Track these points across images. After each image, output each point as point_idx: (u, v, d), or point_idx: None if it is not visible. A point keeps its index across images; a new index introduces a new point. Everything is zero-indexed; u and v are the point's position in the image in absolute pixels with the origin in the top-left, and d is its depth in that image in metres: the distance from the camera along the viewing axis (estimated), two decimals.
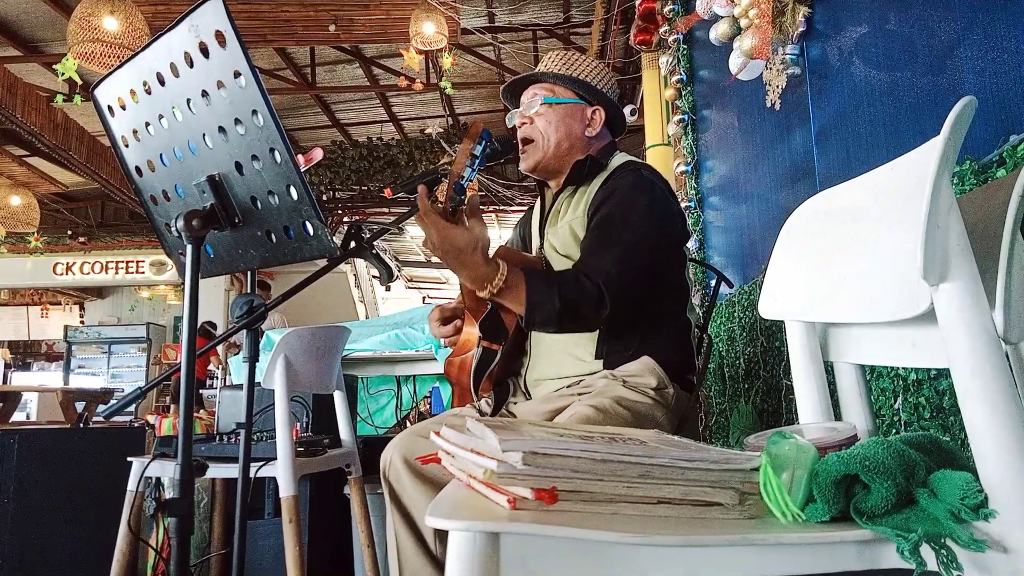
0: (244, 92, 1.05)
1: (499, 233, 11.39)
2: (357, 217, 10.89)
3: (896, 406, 1.34)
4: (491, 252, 1.40)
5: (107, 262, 11.62)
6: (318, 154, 1.83)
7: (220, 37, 1.02)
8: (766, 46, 2.01)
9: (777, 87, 2.08)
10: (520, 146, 1.64)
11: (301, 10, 5.91)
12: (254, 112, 1.06)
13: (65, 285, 12.10)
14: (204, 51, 1.06)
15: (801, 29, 1.89)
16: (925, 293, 0.69)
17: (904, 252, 0.73)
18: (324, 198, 9.73)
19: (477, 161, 1.30)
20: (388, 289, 13.28)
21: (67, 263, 11.59)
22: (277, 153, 1.07)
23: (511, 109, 1.72)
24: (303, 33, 6.29)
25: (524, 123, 1.65)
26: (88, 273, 11.63)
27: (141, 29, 4.72)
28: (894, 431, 1.33)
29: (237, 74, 1.04)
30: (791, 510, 0.68)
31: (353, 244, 1.18)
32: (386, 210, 10.13)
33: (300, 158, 1.40)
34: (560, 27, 6.85)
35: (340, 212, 10.24)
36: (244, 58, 1.02)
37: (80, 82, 4.75)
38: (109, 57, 4.66)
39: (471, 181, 1.31)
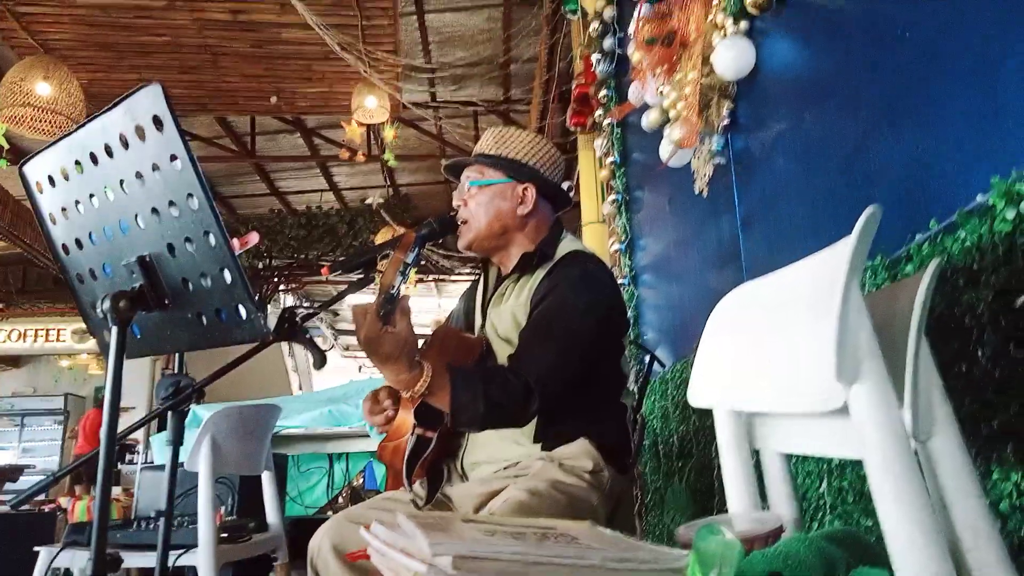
0: (180, 175, 1.04)
1: (439, 302, 11.36)
2: (294, 285, 10.71)
3: (821, 490, 1.37)
4: (430, 330, 1.39)
5: (26, 330, 11.07)
6: (254, 238, 1.82)
7: (157, 121, 1.02)
8: (693, 136, 2.11)
9: (704, 175, 2.18)
10: (458, 225, 1.67)
11: (243, 81, 5.93)
12: (189, 195, 1.05)
13: None
14: (140, 134, 1.05)
15: (725, 122, 2.00)
16: (839, 390, 0.72)
17: (820, 348, 0.76)
18: (260, 266, 9.57)
19: (408, 267, 1.32)
20: (319, 370, 13.00)
21: None
22: (212, 236, 1.06)
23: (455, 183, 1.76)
24: (244, 103, 6.31)
25: (459, 204, 1.69)
26: (4, 341, 11.04)
27: (76, 95, 4.65)
28: (820, 514, 1.36)
29: (173, 157, 1.04)
30: None
31: (287, 326, 1.17)
32: (324, 279, 10.02)
33: (235, 242, 1.39)
34: (500, 105, 7.05)
35: (276, 280, 10.08)
36: (181, 142, 1.02)
37: (7, 146, 4.61)
38: (40, 121, 4.57)
39: (403, 284, 1.31)
